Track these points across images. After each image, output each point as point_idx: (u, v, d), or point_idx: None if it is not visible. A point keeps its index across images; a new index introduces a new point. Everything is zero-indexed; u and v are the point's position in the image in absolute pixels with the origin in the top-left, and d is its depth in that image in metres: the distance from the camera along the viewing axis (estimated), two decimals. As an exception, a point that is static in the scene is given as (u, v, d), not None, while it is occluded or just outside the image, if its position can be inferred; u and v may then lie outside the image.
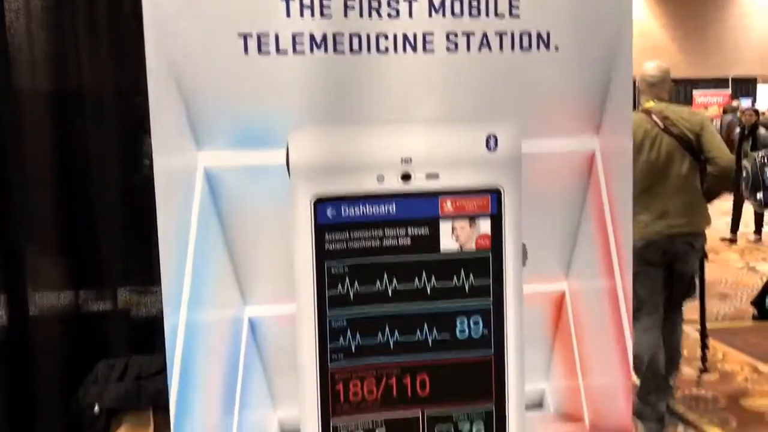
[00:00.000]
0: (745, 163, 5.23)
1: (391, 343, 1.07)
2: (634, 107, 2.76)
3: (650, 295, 2.89)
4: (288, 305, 1.03)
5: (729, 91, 12.73)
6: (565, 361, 1.12)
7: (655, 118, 2.95)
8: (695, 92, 12.42)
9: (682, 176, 2.88)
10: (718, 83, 12.88)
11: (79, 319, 1.77)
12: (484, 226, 1.07)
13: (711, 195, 2.99)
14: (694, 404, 3.40)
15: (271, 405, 1.05)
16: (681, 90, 11.07)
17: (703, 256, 3.16)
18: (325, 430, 1.05)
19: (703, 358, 3.58)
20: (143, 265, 1.68)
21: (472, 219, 1.06)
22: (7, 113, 1.69)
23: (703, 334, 3.52)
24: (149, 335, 1.54)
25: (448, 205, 1.06)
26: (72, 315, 1.77)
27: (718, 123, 8.98)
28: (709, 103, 12.32)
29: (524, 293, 1.09)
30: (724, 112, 9.45)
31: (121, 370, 1.54)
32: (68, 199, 1.77)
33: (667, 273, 2.96)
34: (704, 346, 3.53)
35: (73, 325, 1.76)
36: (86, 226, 1.78)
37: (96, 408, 1.49)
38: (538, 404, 1.13)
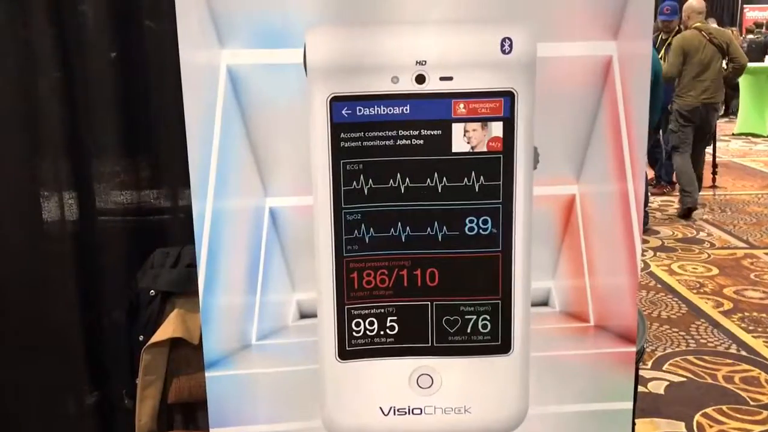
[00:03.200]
0: None
1: (403, 237, 1.13)
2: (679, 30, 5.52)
3: (688, 137, 5.22)
4: (306, 197, 1.11)
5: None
6: (572, 262, 1.16)
7: (703, 33, 5.09)
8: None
9: (716, 70, 5.12)
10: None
11: (142, 214, 1.91)
12: (496, 128, 1.10)
13: (729, 81, 5.40)
14: (752, 326, 3.37)
15: (290, 288, 1.15)
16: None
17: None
18: (340, 312, 1.14)
19: (714, 180, 6.18)
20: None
21: (485, 122, 1.09)
22: (71, 14, 1.79)
23: (714, 163, 6.11)
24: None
25: (461, 108, 1.09)
26: (135, 210, 1.92)
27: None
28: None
29: (534, 195, 1.12)
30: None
31: (174, 258, 1.68)
32: (131, 107, 1.88)
33: (698, 126, 5.25)
34: (714, 172, 6.15)
35: (137, 219, 1.92)
36: (152, 132, 1.90)
37: (152, 291, 1.64)
38: (544, 302, 1.18)
